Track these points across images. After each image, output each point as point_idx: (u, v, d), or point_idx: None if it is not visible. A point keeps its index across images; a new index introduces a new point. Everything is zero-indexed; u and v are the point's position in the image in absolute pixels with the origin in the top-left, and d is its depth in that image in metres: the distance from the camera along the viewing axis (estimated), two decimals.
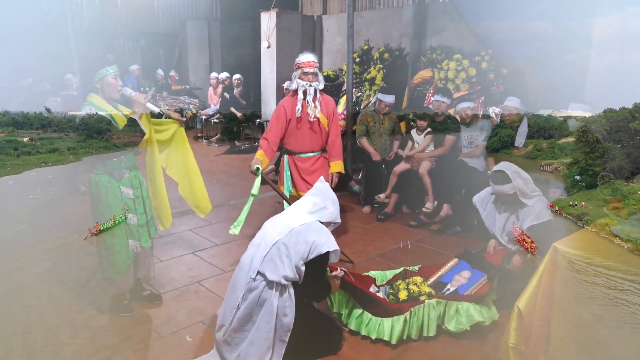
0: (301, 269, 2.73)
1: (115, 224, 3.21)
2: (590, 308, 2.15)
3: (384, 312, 3.13)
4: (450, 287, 3.45)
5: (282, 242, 2.73)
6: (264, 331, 2.68)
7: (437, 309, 3.14)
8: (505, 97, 5.19)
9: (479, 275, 3.43)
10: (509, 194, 3.43)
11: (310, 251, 2.72)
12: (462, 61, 6.27)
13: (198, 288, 3.80)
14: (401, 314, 3.09)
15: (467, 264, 3.59)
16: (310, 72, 4.13)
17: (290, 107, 4.18)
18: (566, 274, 2.23)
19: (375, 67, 7.18)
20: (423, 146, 5.40)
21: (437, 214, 5.13)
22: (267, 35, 8.97)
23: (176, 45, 12.53)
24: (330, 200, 2.99)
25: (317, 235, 2.76)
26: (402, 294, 3.27)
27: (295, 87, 4.17)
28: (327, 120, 4.30)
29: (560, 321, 2.28)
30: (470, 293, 3.30)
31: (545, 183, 3.48)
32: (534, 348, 2.42)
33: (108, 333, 3.17)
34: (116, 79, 3.23)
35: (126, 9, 11.67)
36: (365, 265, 4.23)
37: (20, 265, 3.89)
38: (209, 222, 5.26)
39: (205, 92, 11.00)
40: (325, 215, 2.93)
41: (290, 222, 2.83)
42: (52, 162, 3.39)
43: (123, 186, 3.26)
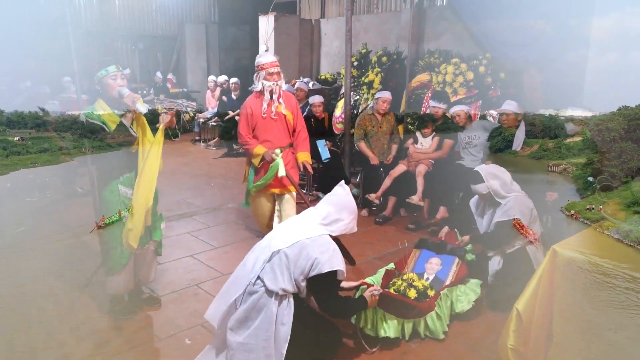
0: (301, 284, 2.68)
1: (120, 218, 3.20)
2: (593, 309, 2.16)
3: (418, 313, 3.16)
4: (428, 275, 3.64)
5: (285, 253, 2.67)
6: (262, 339, 2.64)
7: (449, 297, 3.36)
8: (502, 100, 5.22)
9: (449, 259, 3.69)
10: (483, 193, 3.68)
11: (311, 268, 2.64)
12: (459, 65, 6.30)
13: (197, 291, 3.80)
14: (431, 309, 3.18)
15: (430, 252, 3.84)
16: (275, 72, 4.22)
17: (256, 107, 4.28)
18: (567, 275, 2.24)
19: (373, 71, 7.20)
20: (432, 149, 5.43)
21: (433, 217, 5.15)
22: (265, 39, 9.00)
23: (174, 48, 12.55)
24: (347, 211, 2.83)
25: (321, 253, 2.65)
26: (411, 293, 3.27)
27: (260, 88, 4.25)
28: (292, 115, 4.39)
29: (561, 323, 2.29)
30: (454, 277, 3.53)
31: (553, 185, 3.40)
32: (533, 349, 2.42)
33: (107, 336, 3.16)
34: (115, 80, 3.19)
35: (124, 12, 11.70)
36: (364, 268, 4.23)
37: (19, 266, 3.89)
38: (207, 225, 5.26)
39: (203, 95, 11.00)
40: (338, 228, 2.80)
41: (298, 233, 2.73)
42: (42, 162, 3.33)
43: (121, 185, 3.25)
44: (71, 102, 6.34)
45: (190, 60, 12.37)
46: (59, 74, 7.00)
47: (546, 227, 3.60)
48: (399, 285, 3.37)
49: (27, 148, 3.39)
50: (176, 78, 11.88)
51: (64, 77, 7.10)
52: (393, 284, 3.44)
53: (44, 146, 3.43)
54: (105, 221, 3.16)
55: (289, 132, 4.41)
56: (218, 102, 9.82)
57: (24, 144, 3.43)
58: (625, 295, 2.01)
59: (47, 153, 3.40)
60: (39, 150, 3.40)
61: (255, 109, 4.28)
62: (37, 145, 3.44)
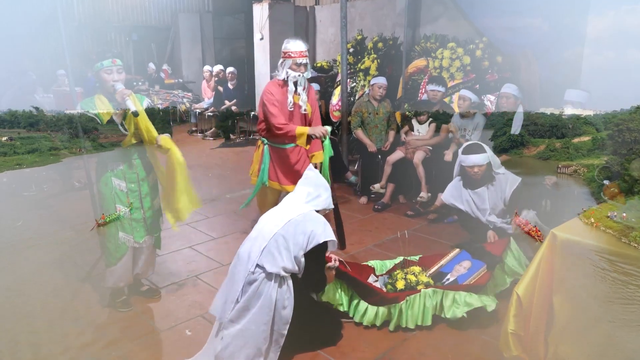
0: (301, 260, 2.72)
1: (119, 216, 3.19)
2: (592, 293, 2.15)
3: (380, 300, 3.15)
4: (450, 277, 3.47)
5: (280, 234, 2.71)
6: (262, 323, 2.66)
7: (433, 299, 3.16)
8: (500, 84, 5.17)
9: (478, 265, 3.45)
10: (482, 164, 3.71)
11: (309, 241, 2.71)
12: (456, 49, 6.24)
13: (196, 282, 3.80)
14: (397, 302, 3.12)
15: (468, 254, 3.61)
16: (303, 63, 3.96)
17: (281, 99, 3.98)
18: (566, 259, 2.23)
19: (369, 57, 7.14)
20: (429, 135, 5.40)
21: (432, 204, 5.13)
22: (260, 27, 8.92)
23: (169, 39, 12.45)
24: (323, 187, 2.99)
25: (315, 225, 2.75)
26: (399, 283, 3.28)
27: (284, 77, 3.97)
28: (312, 109, 4.17)
29: (560, 307, 2.28)
30: (469, 283, 3.31)
31: (562, 187, 3.23)
32: (533, 334, 2.42)
33: (107, 328, 3.16)
34: (110, 74, 3.12)
35: (117, 3, 11.59)
36: (362, 256, 4.23)
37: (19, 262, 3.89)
38: (205, 215, 5.24)
39: (198, 86, 10.93)
40: (320, 204, 2.93)
41: (287, 214, 2.82)
42: (28, 163, 3.19)
43: (115, 177, 3.23)
44: (65, 96, 6.29)
45: (185, 51, 12.26)
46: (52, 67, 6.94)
47: (545, 212, 3.59)
48: (396, 274, 3.39)
49: (14, 148, 3.26)
50: (171, 69, 11.79)
51: (58, 70, 7.04)
52: (394, 271, 3.47)
53: (33, 146, 3.31)
54: (105, 219, 3.15)
55: (306, 125, 4.12)
56: (214, 93, 9.76)
57: (12, 144, 3.30)
58: (625, 280, 2.01)
59: (36, 153, 3.27)
60: (27, 151, 3.27)
61: (280, 100, 3.97)
62: (25, 146, 3.31)
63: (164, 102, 10.03)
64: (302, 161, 4.20)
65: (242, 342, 2.66)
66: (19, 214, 4.86)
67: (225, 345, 2.68)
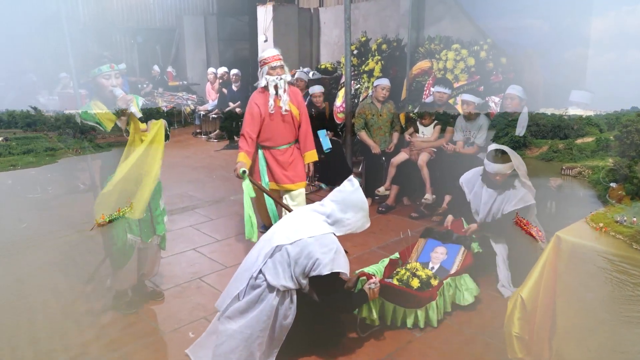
0: (302, 281, 2.66)
1: (120, 215, 3.17)
2: (597, 296, 2.13)
3: (418, 302, 3.15)
4: (433, 265, 3.62)
5: (287, 250, 2.65)
6: (258, 329, 2.64)
7: (452, 287, 3.34)
8: (505, 86, 5.15)
9: (455, 248, 3.68)
10: (506, 173, 3.55)
11: (312, 269, 2.61)
12: (460, 51, 6.22)
13: (200, 284, 3.79)
14: (433, 299, 3.17)
15: (435, 241, 3.83)
16: (278, 66, 4.09)
17: (262, 103, 4.13)
18: (570, 262, 2.21)
19: (373, 59, 7.13)
20: (434, 137, 5.37)
21: (439, 206, 5.11)
22: (264, 29, 8.93)
23: (173, 41, 12.47)
24: (353, 210, 2.76)
25: (323, 254, 2.60)
26: (414, 282, 3.26)
27: (264, 84, 4.11)
28: (299, 111, 4.26)
29: (564, 311, 2.26)
30: (459, 266, 3.51)
31: (567, 189, 3.20)
32: (538, 337, 2.41)
33: (111, 330, 3.16)
34: (108, 79, 3.11)
35: (122, 5, 11.62)
36: (366, 258, 4.22)
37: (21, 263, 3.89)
38: (209, 217, 5.24)
39: (203, 88, 10.94)
40: (344, 228, 2.76)
41: (302, 230, 2.69)
42: (22, 164, 3.13)
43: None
44: (70, 98, 6.31)
45: (189, 53, 12.28)
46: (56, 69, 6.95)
47: (550, 214, 3.56)
48: (402, 275, 3.36)
49: (9, 149, 3.21)
50: (175, 71, 11.81)
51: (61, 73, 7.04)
52: (397, 273, 3.43)
53: (28, 147, 3.25)
54: (105, 219, 3.14)
55: (295, 128, 4.27)
56: (218, 94, 9.78)
57: (7, 145, 3.25)
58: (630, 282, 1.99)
59: (31, 154, 3.21)
60: (22, 152, 3.21)
61: (261, 105, 4.12)
62: (21, 146, 3.26)
63: (168, 104, 10.06)
64: (297, 160, 4.30)
65: (235, 344, 2.64)
66: (23, 216, 4.87)
67: (220, 342, 2.68)
